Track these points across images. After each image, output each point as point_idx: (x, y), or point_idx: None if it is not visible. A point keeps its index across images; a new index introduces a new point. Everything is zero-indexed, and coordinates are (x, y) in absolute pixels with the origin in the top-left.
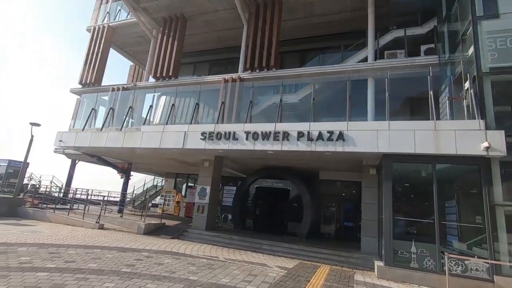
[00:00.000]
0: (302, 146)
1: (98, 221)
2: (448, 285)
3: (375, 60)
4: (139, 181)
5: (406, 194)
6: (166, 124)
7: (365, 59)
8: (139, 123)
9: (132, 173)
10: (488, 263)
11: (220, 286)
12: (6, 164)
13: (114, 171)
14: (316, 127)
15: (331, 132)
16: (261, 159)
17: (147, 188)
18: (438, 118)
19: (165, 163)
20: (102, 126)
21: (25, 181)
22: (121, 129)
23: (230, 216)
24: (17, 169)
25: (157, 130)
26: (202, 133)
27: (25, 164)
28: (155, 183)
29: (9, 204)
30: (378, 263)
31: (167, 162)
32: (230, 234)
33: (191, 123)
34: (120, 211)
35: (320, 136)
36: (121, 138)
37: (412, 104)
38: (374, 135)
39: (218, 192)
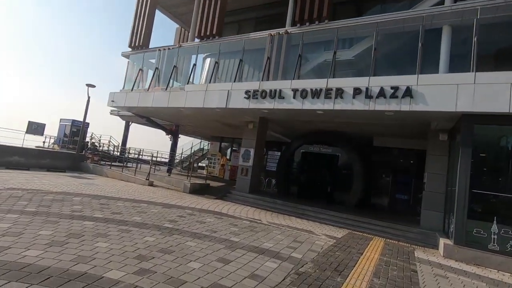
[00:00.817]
0: (359, 104)
1: (148, 178)
2: None
3: (455, 2)
4: (187, 144)
5: (488, 164)
6: (210, 83)
7: (439, 3)
8: (184, 84)
9: (180, 135)
10: None
11: (262, 250)
12: (70, 124)
13: (163, 133)
14: (377, 82)
15: (395, 88)
16: (309, 122)
17: (193, 151)
18: None
19: (210, 126)
20: (149, 87)
21: (87, 140)
22: (166, 89)
23: (274, 181)
24: (80, 128)
25: (201, 89)
26: (246, 92)
27: (84, 124)
28: (201, 147)
29: (73, 159)
30: (444, 241)
31: (213, 125)
32: (273, 198)
33: (234, 81)
34: (169, 170)
35: (381, 93)
36: (166, 97)
37: (502, 56)
38: (453, 91)
39: (262, 156)
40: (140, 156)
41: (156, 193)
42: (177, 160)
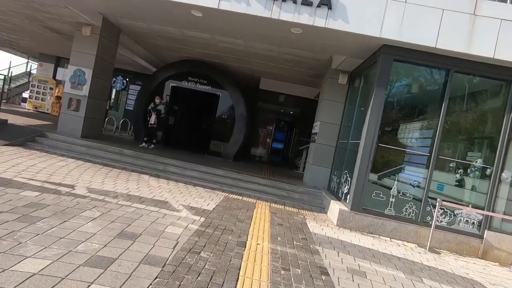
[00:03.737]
0: (257, 7)
1: None
2: (430, 240)
3: None
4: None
5: (398, 115)
6: None
7: None
8: None
9: None
10: (482, 214)
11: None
12: None
13: None
14: None
15: None
16: (183, 45)
17: (12, 75)
18: None
19: (28, 30)
20: None
21: None
22: None
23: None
24: None
25: None
26: None
27: None
28: (28, 69)
29: None
30: (338, 206)
31: (31, 29)
32: (120, 147)
33: None
34: None
35: None
36: None
37: None
38: (381, 8)
39: (108, 82)
40: None
41: None
42: None
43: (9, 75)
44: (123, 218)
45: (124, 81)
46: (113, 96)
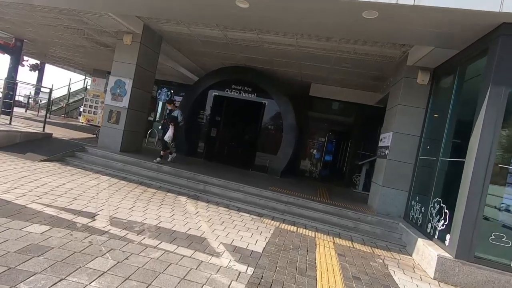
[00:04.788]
0: None
1: None
2: None
3: None
4: (61, 80)
5: None
6: None
7: None
8: None
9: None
10: None
11: None
12: None
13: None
14: None
15: None
16: (227, 53)
17: (71, 91)
18: None
19: (76, 45)
20: None
21: None
22: None
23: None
24: None
25: None
26: None
27: None
28: (85, 85)
29: None
30: (434, 249)
31: (79, 44)
32: (159, 163)
33: None
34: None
35: None
36: None
37: None
38: None
39: (149, 92)
40: None
41: None
42: (41, 101)
43: (68, 91)
44: (143, 270)
45: (169, 92)
46: (159, 109)
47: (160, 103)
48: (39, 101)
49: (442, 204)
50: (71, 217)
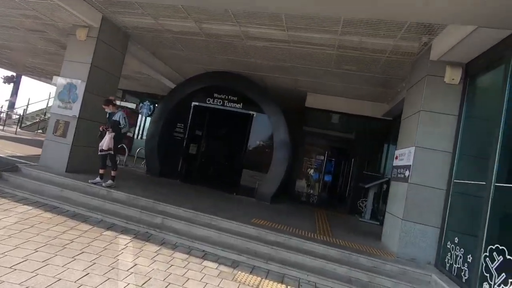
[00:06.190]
0: None
1: None
2: None
3: None
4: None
5: None
6: None
7: None
8: None
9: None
10: None
11: None
12: None
13: None
14: None
15: None
16: (205, 55)
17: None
18: None
19: (41, 48)
20: None
21: None
22: None
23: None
24: None
25: None
26: None
27: None
28: None
29: None
30: None
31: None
32: (113, 187)
33: None
34: None
35: None
36: None
37: None
38: None
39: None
40: None
41: None
42: (16, 115)
43: (47, 106)
44: None
45: (152, 106)
46: (141, 123)
47: (140, 117)
48: (10, 116)
49: (508, 256)
50: None
